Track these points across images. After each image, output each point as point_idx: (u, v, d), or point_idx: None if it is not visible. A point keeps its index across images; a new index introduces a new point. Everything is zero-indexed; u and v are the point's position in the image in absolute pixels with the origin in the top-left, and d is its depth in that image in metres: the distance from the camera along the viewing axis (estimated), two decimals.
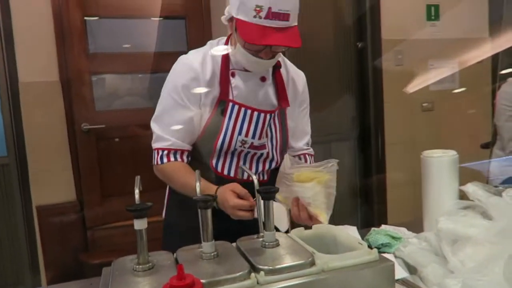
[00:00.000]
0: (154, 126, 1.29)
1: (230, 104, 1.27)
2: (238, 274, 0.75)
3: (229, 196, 1.10)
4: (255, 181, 0.95)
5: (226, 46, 1.31)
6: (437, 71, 3.45)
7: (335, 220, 1.14)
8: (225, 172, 1.30)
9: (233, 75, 1.29)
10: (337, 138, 3.38)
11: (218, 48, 1.31)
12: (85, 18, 2.66)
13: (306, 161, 1.46)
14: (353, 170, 3.45)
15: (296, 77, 1.41)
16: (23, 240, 2.80)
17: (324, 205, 1.12)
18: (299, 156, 1.45)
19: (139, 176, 0.94)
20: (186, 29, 2.95)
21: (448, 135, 3.35)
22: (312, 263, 0.81)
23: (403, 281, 1.01)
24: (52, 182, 2.66)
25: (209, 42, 1.34)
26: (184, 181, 1.23)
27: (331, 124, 3.36)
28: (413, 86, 3.34)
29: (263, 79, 1.31)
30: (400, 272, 1.05)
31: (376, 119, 3.32)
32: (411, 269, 1.08)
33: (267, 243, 0.88)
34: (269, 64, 1.25)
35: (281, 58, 1.37)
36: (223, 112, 1.26)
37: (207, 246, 0.83)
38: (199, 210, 0.83)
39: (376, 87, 3.31)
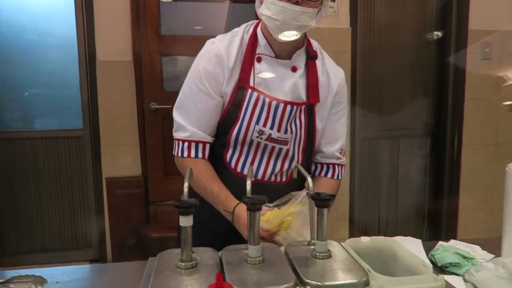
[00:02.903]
0: (175, 114, 1.23)
1: (249, 91, 1.18)
2: (282, 287, 0.70)
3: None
4: (310, 184, 0.88)
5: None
6: None
7: (398, 226, 1.02)
8: (239, 169, 1.22)
9: (259, 60, 1.20)
10: (407, 134, 3.16)
11: (247, 30, 1.24)
12: (160, 0, 2.72)
13: (334, 172, 1.32)
14: (422, 172, 3.21)
15: (332, 74, 1.27)
16: (93, 208, 3.01)
17: (301, 237, 0.99)
18: (327, 164, 1.32)
19: (191, 168, 0.92)
20: (254, 13, 2.91)
21: None
22: (366, 284, 0.73)
23: None
24: (121, 156, 2.80)
25: (243, 25, 1.26)
26: (205, 185, 1.18)
27: (401, 118, 3.14)
28: (501, 83, 2.99)
29: (294, 68, 1.21)
30: None
31: (455, 116, 3.04)
32: None
33: (317, 253, 0.81)
34: (296, 16, 1.10)
35: (318, 49, 1.28)
36: (242, 100, 1.18)
37: (253, 250, 0.78)
38: (248, 212, 0.78)
39: (457, 82, 3.01)
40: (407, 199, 3.17)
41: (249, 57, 1.20)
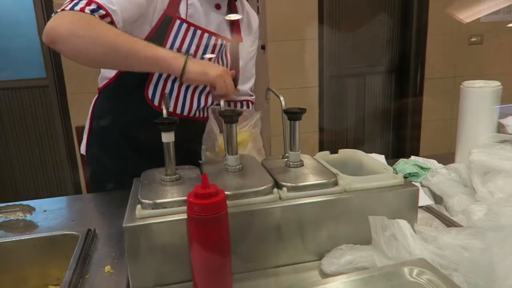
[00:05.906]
0: None
1: (177, 21, 1.11)
2: (261, 188, 0.77)
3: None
4: (283, 102, 0.94)
5: None
6: (492, 1, 3.14)
7: (365, 150, 1.11)
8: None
9: None
10: (373, 71, 3.25)
11: None
12: None
13: (248, 107, 1.40)
14: (388, 102, 3.35)
15: (251, 13, 1.32)
16: (65, 158, 2.99)
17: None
18: (241, 102, 1.39)
19: (168, 95, 0.95)
20: None
21: (496, 72, 3.15)
22: (335, 183, 0.81)
23: (427, 208, 1.01)
24: (89, 104, 2.75)
25: None
26: (130, 36, 0.97)
27: (366, 55, 3.21)
28: (462, 17, 3.08)
29: (218, 6, 1.20)
30: (425, 200, 1.04)
31: (417, 51, 3.14)
32: (437, 199, 1.07)
33: (291, 163, 0.88)
34: None
35: None
36: (167, 30, 1.11)
37: (232, 160, 0.84)
38: (224, 125, 0.84)
39: (420, 17, 3.08)
40: (374, 132, 3.34)
41: None
